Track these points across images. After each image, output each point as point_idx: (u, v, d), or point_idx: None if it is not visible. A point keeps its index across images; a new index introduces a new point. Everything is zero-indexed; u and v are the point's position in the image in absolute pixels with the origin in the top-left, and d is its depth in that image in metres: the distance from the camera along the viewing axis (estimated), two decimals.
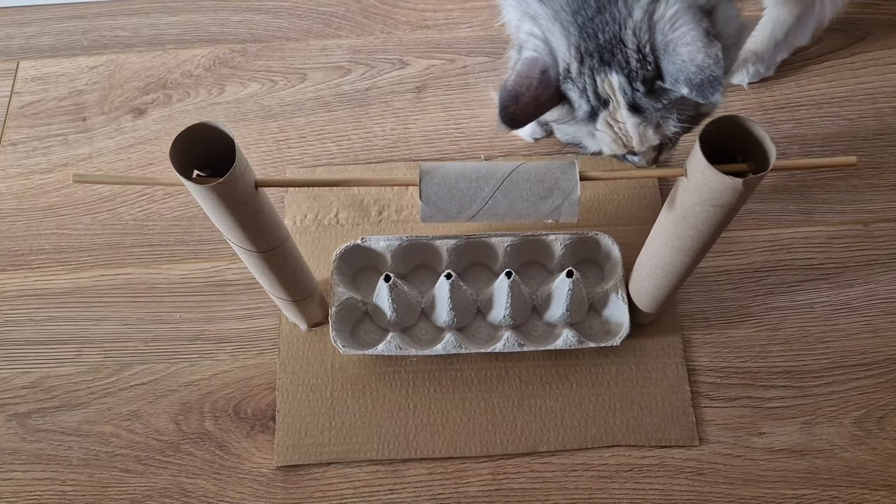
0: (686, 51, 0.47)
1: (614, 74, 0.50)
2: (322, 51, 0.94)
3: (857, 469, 0.70)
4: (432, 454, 0.72)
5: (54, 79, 0.93)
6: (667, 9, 0.48)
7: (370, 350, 0.72)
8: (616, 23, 0.49)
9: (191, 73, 0.92)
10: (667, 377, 0.74)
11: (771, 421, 0.73)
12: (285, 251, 0.61)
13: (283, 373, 0.75)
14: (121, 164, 0.87)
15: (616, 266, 0.74)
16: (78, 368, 0.77)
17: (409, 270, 0.78)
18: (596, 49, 0.49)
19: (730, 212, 0.52)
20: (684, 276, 0.64)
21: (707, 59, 0.47)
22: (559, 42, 0.50)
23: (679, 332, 0.76)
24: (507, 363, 0.75)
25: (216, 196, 0.49)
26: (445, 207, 0.53)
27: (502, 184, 0.53)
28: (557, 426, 0.73)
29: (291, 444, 0.72)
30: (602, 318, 0.75)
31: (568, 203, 0.53)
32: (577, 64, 0.50)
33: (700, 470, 0.71)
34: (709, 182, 0.49)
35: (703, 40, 0.47)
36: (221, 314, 0.79)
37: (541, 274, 0.78)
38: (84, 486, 0.72)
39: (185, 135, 0.49)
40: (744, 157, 0.52)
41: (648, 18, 0.48)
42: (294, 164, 0.86)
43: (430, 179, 0.53)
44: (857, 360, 0.75)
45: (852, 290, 0.78)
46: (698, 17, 0.48)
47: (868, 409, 0.73)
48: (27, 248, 0.83)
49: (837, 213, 0.82)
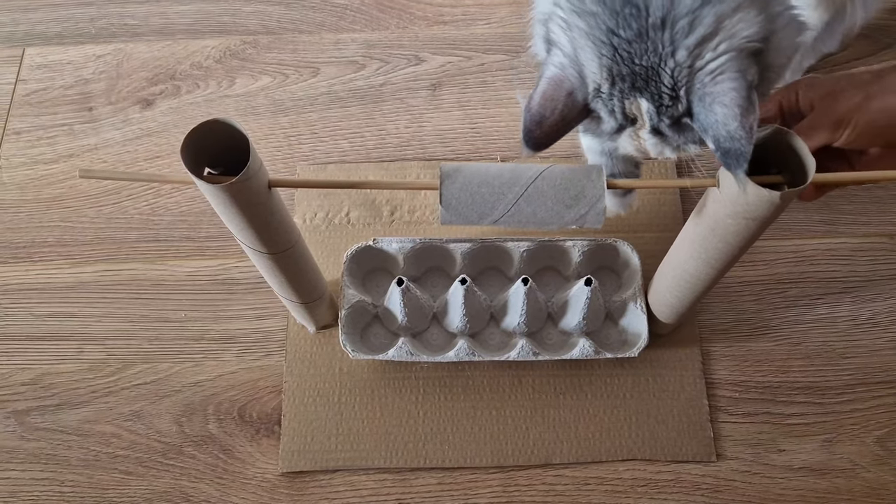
0: (721, 112, 0.43)
1: (644, 101, 0.48)
2: (335, 45, 0.91)
3: (878, 490, 0.68)
4: (442, 463, 0.70)
5: (60, 67, 0.91)
6: (713, 57, 0.44)
7: (380, 355, 0.70)
8: (656, 55, 0.45)
9: (200, 65, 0.90)
10: (684, 390, 0.72)
11: (791, 438, 0.71)
12: (296, 253, 0.59)
13: (290, 376, 0.73)
14: (127, 157, 0.85)
15: (635, 274, 0.72)
16: (79, 366, 0.75)
17: (421, 273, 0.76)
18: (629, 75, 0.46)
19: (762, 225, 0.50)
20: (708, 287, 0.61)
21: (740, 130, 0.43)
22: (590, 62, 0.47)
23: (698, 343, 0.74)
24: (519, 371, 0.73)
25: (228, 196, 0.47)
26: (466, 213, 0.51)
27: (526, 190, 0.51)
28: (571, 438, 0.71)
29: (297, 450, 0.70)
30: (619, 328, 0.73)
31: (594, 212, 0.51)
32: (609, 86, 0.47)
33: (717, 487, 0.69)
34: (743, 194, 0.47)
35: (741, 105, 0.43)
36: (228, 314, 0.77)
37: (557, 280, 0.76)
38: (83, 488, 0.70)
39: (197, 131, 0.46)
40: (778, 169, 0.50)
41: (691, 63, 0.44)
42: (305, 160, 0.84)
43: (452, 184, 0.50)
44: (881, 376, 0.73)
45: (876, 304, 0.76)
46: (744, 68, 0.44)
47: (891, 427, 0.71)
48: (29, 240, 0.81)
49: (862, 225, 0.79)
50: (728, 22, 0.43)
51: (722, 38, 0.43)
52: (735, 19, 0.43)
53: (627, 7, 0.44)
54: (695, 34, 0.43)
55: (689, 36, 0.43)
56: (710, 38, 0.43)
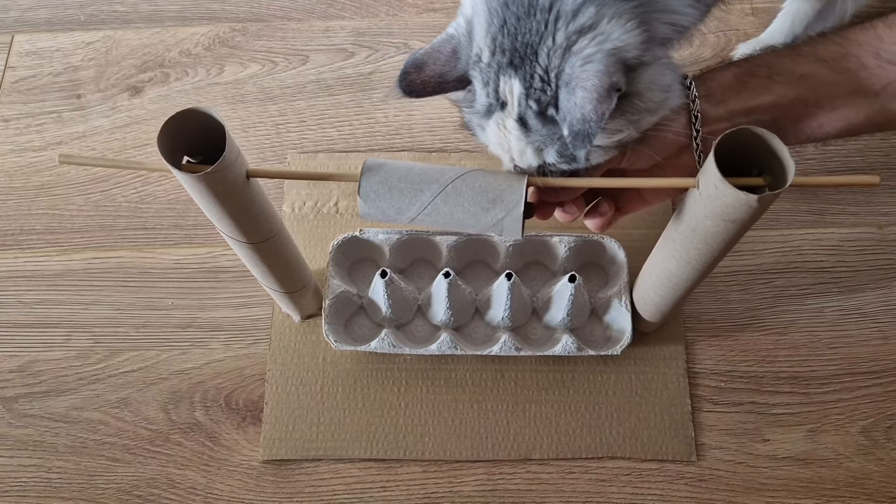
0: (581, 95, 0.45)
1: (517, 81, 0.48)
2: (325, 32, 0.91)
3: (862, 480, 0.69)
4: (421, 456, 0.70)
5: (49, 54, 0.90)
6: (587, 45, 0.45)
7: (363, 346, 0.70)
8: (538, 34, 0.46)
9: (189, 52, 0.90)
10: (667, 389, 0.72)
11: (775, 428, 0.71)
12: (278, 243, 0.59)
13: (273, 364, 0.73)
14: (116, 144, 0.85)
15: (621, 272, 0.72)
16: (67, 353, 0.75)
17: (407, 265, 0.76)
18: (510, 48, 0.47)
19: (742, 227, 0.49)
20: (691, 288, 0.61)
21: (592, 113, 0.44)
22: (480, 27, 0.48)
23: (683, 341, 0.73)
24: (502, 366, 0.73)
25: (204, 185, 0.47)
26: (384, 207, 0.51)
27: (444, 189, 0.51)
28: (552, 434, 0.70)
29: (278, 438, 0.70)
30: (604, 325, 0.73)
31: (511, 218, 0.51)
32: (489, 54, 0.48)
33: (701, 476, 0.69)
34: (721, 196, 0.46)
35: (600, 92, 0.44)
36: (215, 301, 0.77)
37: (543, 275, 0.75)
38: (70, 474, 0.70)
39: (175, 119, 0.46)
40: (760, 170, 0.49)
41: (567, 47, 0.46)
42: (294, 148, 0.84)
43: (372, 176, 0.51)
44: (867, 367, 0.73)
45: (864, 295, 0.76)
46: (613, 69, 0.45)
47: (876, 418, 0.71)
48: (18, 227, 0.81)
49: (851, 216, 0.79)
50: (609, 22, 0.46)
51: (599, 32, 0.45)
52: (614, 22, 0.46)
53: None
54: (576, 22, 0.45)
55: (570, 24, 0.45)
56: (588, 30, 0.45)
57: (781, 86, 0.54)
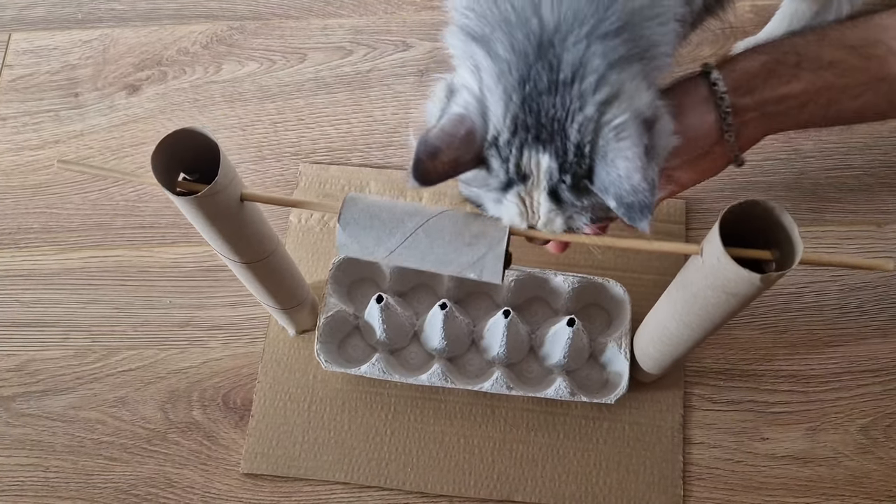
0: (624, 166, 0.44)
1: (546, 157, 0.47)
2: (323, 30, 0.91)
3: (861, 479, 0.68)
4: (402, 486, 0.69)
5: (47, 52, 0.90)
6: (617, 114, 0.44)
7: (353, 370, 0.69)
8: (564, 110, 0.45)
9: (187, 50, 0.90)
10: (661, 442, 0.70)
11: (774, 426, 0.71)
12: (273, 262, 0.58)
13: (264, 376, 0.72)
14: (113, 143, 0.84)
15: (624, 317, 0.70)
16: (64, 352, 0.75)
17: (408, 289, 0.74)
18: (534, 125, 0.46)
19: (743, 301, 0.48)
20: (690, 348, 0.60)
21: (643, 182, 0.43)
22: (496, 107, 0.46)
23: (682, 390, 0.72)
24: (494, 402, 0.71)
25: (196, 208, 0.47)
26: (363, 237, 0.50)
27: (427, 221, 0.50)
28: (536, 477, 0.69)
29: (261, 453, 0.70)
30: (602, 369, 0.71)
31: (493, 256, 0.49)
32: (509, 135, 0.46)
33: (699, 475, 0.69)
34: (723, 269, 0.45)
35: (643, 159, 0.44)
36: (213, 300, 0.77)
37: (545, 312, 0.73)
38: (68, 473, 0.70)
39: (170, 138, 0.46)
40: (766, 243, 0.47)
41: (598, 118, 0.45)
42: (291, 146, 0.84)
43: (354, 206, 0.50)
44: (866, 365, 0.73)
45: (862, 293, 0.76)
46: (642, 132, 0.45)
47: (875, 416, 0.71)
48: (15, 226, 0.81)
49: (850, 213, 0.79)
50: (628, 87, 0.45)
51: (624, 99, 0.45)
52: (633, 86, 0.45)
53: (540, 62, 0.44)
54: (602, 92, 0.44)
55: (596, 93, 0.44)
56: (614, 99, 0.44)
57: (810, 73, 0.53)
